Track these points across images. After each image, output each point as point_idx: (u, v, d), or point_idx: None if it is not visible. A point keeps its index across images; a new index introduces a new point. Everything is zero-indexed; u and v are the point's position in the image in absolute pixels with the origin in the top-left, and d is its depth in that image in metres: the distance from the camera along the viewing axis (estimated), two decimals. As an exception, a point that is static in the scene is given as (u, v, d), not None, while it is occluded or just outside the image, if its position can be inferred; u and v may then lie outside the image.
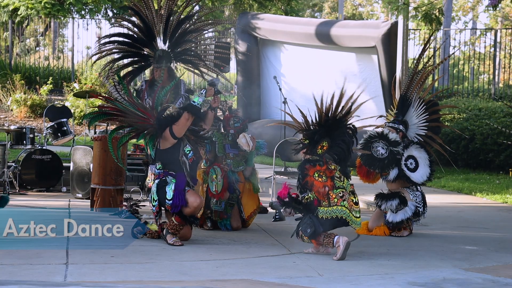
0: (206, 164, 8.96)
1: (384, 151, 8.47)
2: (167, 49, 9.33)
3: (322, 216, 7.24)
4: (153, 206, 7.81)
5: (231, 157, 8.99)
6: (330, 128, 7.46)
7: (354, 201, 7.36)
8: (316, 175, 7.30)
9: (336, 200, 7.27)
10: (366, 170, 8.64)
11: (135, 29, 9.49)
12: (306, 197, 7.35)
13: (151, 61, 9.42)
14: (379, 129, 8.68)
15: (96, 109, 8.36)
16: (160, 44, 9.33)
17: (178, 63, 9.77)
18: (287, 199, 7.43)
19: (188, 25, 9.41)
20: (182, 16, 9.37)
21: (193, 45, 9.53)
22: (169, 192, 7.64)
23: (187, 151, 7.75)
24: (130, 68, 9.73)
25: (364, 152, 8.48)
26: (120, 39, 9.44)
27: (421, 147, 8.85)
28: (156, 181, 7.82)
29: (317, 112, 7.48)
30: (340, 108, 7.49)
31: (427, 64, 9.08)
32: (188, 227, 7.78)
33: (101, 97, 8.41)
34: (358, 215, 7.34)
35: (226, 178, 8.85)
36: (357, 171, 8.80)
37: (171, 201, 7.61)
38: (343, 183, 7.38)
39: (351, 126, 7.56)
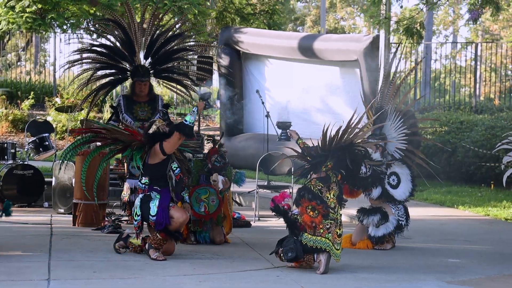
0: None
1: (367, 169, 8.46)
2: (148, 64, 9.32)
3: (306, 242, 7.24)
4: (136, 220, 7.78)
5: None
6: (333, 152, 7.43)
7: (338, 233, 7.33)
8: (310, 208, 7.27)
9: (322, 231, 7.25)
10: (350, 188, 8.64)
11: (114, 40, 9.47)
12: (295, 215, 7.34)
13: (128, 75, 9.40)
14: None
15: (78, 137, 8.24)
16: (140, 58, 9.30)
17: (158, 79, 9.76)
18: (278, 206, 7.42)
19: (173, 43, 9.38)
20: (169, 34, 9.34)
21: (175, 63, 9.52)
22: (153, 208, 7.60)
23: (174, 167, 7.72)
24: (105, 80, 9.70)
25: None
26: (100, 49, 9.41)
27: (402, 163, 8.85)
28: (141, 195, 7.78)
29: (321, 141, 7.47)
30: (345, 136, 7.46)
31: (397, 75, 9.12)
32: (171, 241, 7.75)
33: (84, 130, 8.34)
34: (338, 247, 7.32)
35: (219, 196, 8.83)
36: None
37: (154, 217, 7.58)
38: (336, 214, 7.36)
39: (360, 148, 7.56)
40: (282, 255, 7.29)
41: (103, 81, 9.81)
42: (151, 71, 9.38)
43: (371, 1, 14.93)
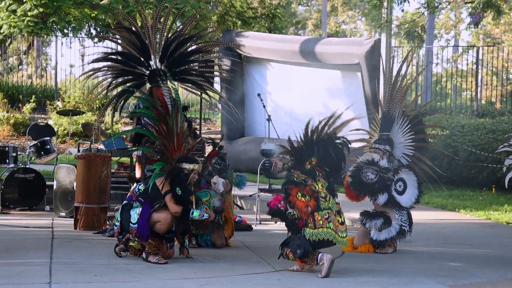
0: None
1: (374, 176, 8.45)
2: (164, 68, 9.26)
3: (309, 238, 7.22)
4: (115, 226, 7.75)
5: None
6: (317, 146, 7.45)
7: (340, 221, 7.33)
8: (299, 194, 7.27)
9: (321, 222, 7.24)
10: (356, 193, 8.63)
11: (127, 46, 9.44)
12: (292, 213, 7.32)
13: (144, 80, 9.36)
14: (369, 157, 8.61)
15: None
16: (156, 62, 9.24)
17: (174, 82, 9.72)
18: (275, 210, 7.40)
19: (188, 45, 9.34)
20: (182, 37, 9.31)
21: (191, 65, 9.48)
22: (134, 215, 7.55)
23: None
24: (120, 88, 9.67)
25: (357, 162, 8.47)
26: (114, 57, 9.38)
27: (409, 170, 8.81)
28: (125, 201, 7.77)
29: (304, 134, 7.49)
30: (325, 128, 7.49)
31: (405, 79, 9.09)
32: (167, 245, 7.70)
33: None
34: (344, 235, 7.31)
35: (221, 199, 8.78)
36: (346, 193, 8.76)
37: (136, 225, 7.54)
38: (329, 203, 7.35)
39: (342, 139, 7.57)
40: (292, 254, 7.23)
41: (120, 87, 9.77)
42: (167, 74, 9.32)
43: (372, 5, 14.95)
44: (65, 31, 17.05)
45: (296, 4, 42.63)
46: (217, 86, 18.70)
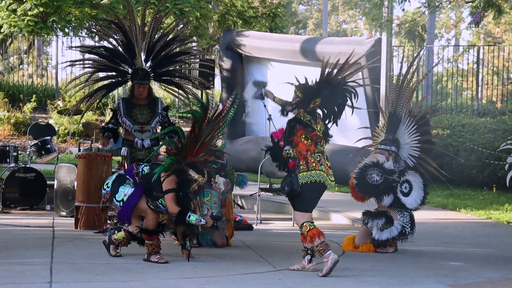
0: None
1: (379, 178, 8.43)
2: (148, 67, 9.34)
3: (302, 181, 7.25)
4: (104, 190, 7.72)
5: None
6: (325, 86, 7.49)
7: (329, 165, 7.45)
8: (303, 137, 7.32)
9: (314, 164, 7.30)
10: (361, 195, 8.62)
11: (115, 43, 9.50)
12: (287, 151, 7.34)
13: (127, 78, 9.42)
14: (374, 158, 8.60)
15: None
16: (141, 61, 9.32)
17: (158, 83, 9.77)
18: (275, 144, 7.46)
19: (173, 46, 9.41)
20: (168, 37, 9.37)
21: (177, 66, 9.54)
22: (121, 193, 7.52)
23: (160, 201, 7.60)
24: (104, 82, 9.73)
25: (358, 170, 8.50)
26: (100, 52, 9.45)
27: (416, 171, 8.78)
28: (121, 172, 7.78)
29: (320, 74, 7.52)
30: (340, 72, 7.59)
31: (412, 80, 9.07)
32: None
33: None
34: (332, 179, 7.43)
35: (221, 198, 8.77)
36: (351, 193, 8.76)
37: (119, 203, 7.52)
38: (322, 147, 7.43)
39: (349, 87, 7.62)
40: (303, 224, 7.25)
41: (102, 83, 9.81)
42: (151, 74, 9.40)
43: (373, 4, 14.94)
44: (66, 30, 17.04)
45: (297, 4, 42.63)
46: (217, 85, 18.69)
